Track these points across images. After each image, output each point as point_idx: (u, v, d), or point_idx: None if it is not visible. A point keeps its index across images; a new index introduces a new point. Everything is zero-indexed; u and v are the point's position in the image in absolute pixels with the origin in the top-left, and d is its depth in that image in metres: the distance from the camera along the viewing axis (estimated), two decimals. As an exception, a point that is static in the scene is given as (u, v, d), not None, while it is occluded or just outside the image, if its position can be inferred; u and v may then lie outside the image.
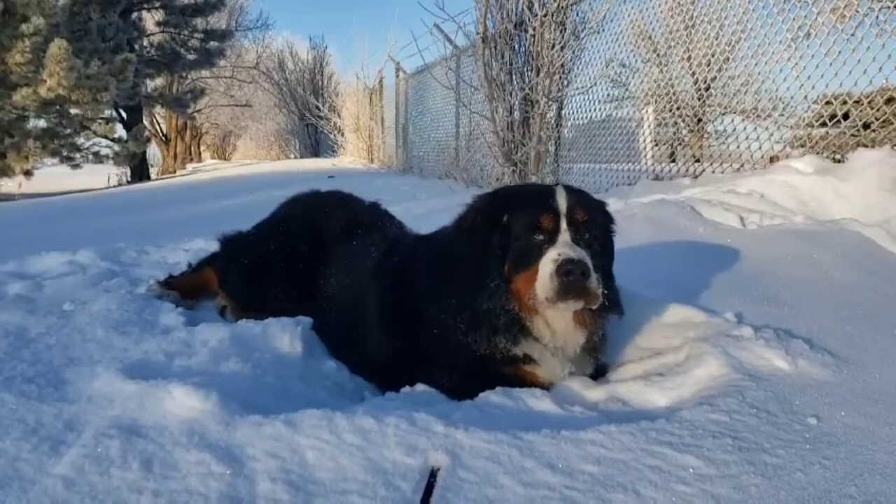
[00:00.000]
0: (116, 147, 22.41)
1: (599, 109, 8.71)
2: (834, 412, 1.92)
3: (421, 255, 2.68)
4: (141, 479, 1.60)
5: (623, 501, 1.52)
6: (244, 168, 26.69)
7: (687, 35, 7.44)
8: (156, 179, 26.70)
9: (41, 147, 18.83)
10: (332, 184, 6.12)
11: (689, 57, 7.68)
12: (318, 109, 27.83)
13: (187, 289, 3.52)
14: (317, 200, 3.56)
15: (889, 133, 5.02)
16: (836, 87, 5.35)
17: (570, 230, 2.21)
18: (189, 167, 36.14)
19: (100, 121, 21.83)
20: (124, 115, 25.72)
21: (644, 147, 8.41)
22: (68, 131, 20.33)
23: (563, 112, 8.80)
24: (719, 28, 6.76)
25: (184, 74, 30.77)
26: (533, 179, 7.93)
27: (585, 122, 8.99)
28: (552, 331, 2.31)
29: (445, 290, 2.39)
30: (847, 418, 1.89)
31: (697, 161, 7.64)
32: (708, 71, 7.13)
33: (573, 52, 8.07)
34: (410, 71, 17.50)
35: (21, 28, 16.39)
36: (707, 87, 7.59)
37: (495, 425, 1.84)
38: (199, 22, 28.16)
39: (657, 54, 8.63)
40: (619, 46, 8.30)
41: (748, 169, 6.07)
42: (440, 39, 10.89)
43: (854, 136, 5.25)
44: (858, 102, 5.17)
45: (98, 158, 21.72)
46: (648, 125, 8.39)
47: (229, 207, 9.98)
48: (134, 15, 25.32)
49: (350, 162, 23.80)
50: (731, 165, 6.37)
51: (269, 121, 44.44)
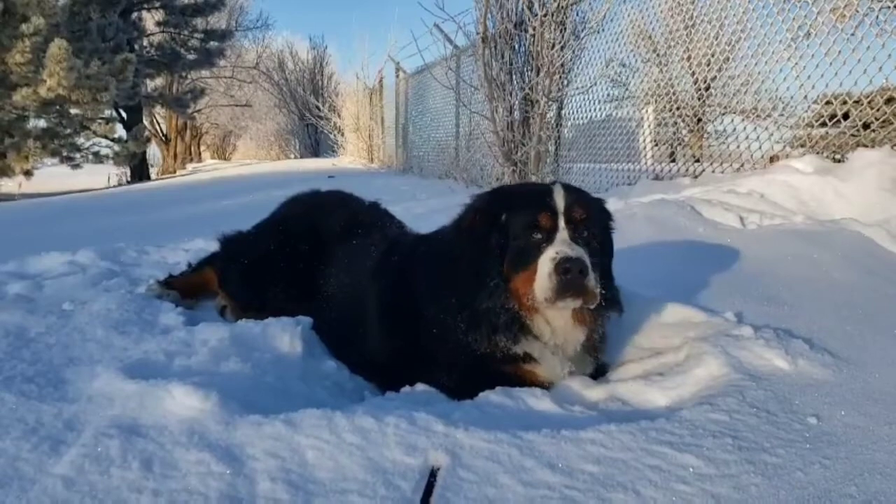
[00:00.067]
0: (116, 147, 22.41)
1: (599, 109, 8.71)
2: (834, 412, 1.92)
3: (420, 255, 2.67)
4: (141, 479, 1.60)
5: (623, 501, 1.52)
6: (244, 168, 26.69)
7: (687, 35, 7.44)
8: (156, 179, 26.69)
9: (41, 147, 18.84)
10: (332, 184, 6.12)
11: (689, 57, 7.69)
12: (318, 109, 27.83)
13: (187, 288, 3.52)
14: (317, 200, 3.56)
15: (889, 133, 5.02)
16: (836, 87, 5.36)
17: (569, 228, 2.20)
18: (189, 167, 36.14)
19: (100, 121, 21.84)
20: (124, 115, 25.73)
21: (644, 147, 8.41)
22: (68, 131, 20.33)
23: (563, 112, 8.80)
24: (719, 28, 6.76)
25: (184, 74, 30.79)
26: (533, 179, 7.93)
27: (585, 122, 8.99)
28: (552, 329, 2.31)
29: (445, 290, 2.39)
30: (847, 418, 1.89)
31: (697, 161, 7.64)
32: (708, 71, 7.13)
33: (573, 52, 8.07)
34: (410, 71, 17.50)
35: (21, 28, 16.40)
36: (707, 87, 7.59)
37: (495, 425, 1.84)
38: (199, 22, 28.18)
39: (657, 54, 8.63)
40: (619, 46, 8.31)
41: (748, 169, 6.07)
42: (440, 39, 10.89)
43: (854, 136, 5.25)
44: (858, 102, 5.17)
45: (98, 158, 21.73)
46: (648, 125, 8.39)
47: (229, 207, 9.97)
48: (134, 15, 25.34)
49: (350, 162, 23.80)
50: (731, 165, 6.37)
51: (269, 121, 44.43)
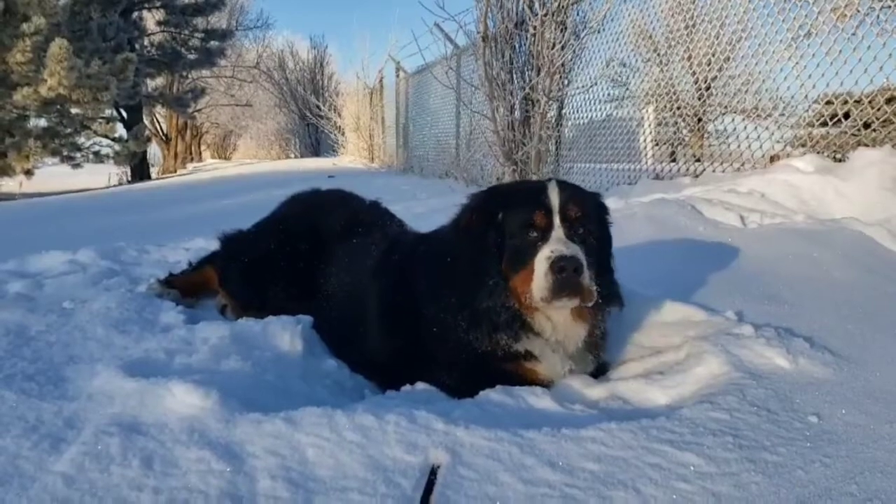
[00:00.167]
0: (117, 146, 22.41)
1: (600, 109, 8.72)
2: (834, 410, 1.92)
3: (420, 254, 2.67)
4: (141, 477, 1.60)
5: (623, 499, 1.52)
6: (244, 167, 26.69)
7: (687, 34, 7.44)
8: (156, 179, 26.70)
9: (42, 146, 18.84)
10: (333, 183, 6.11)
11: (690, 56, 7.68)
12: (319, 109, 27.84)
13: (188, 287, 3.52)
14: (317, 199, 3.56)
15: (890, 132, 5.01)
16: (837, 87, 5.36)
17: (564, 226, 2.20)
18: (189, 167, 36.14)
19: (100, 120, 21.84)
20: (125, 115, 25.73)
21: (644, 146, 8.40)
22: (69, 131, 20.34)
23: (564, 111, 8.80)
24: (720, 27, 6.75)
25: (184, 74, 30.79)
26: (533, 179, 7.92)
27: (586, 122, 8.99)
28: (553, 325, 2.30)
29: (445, 289, 2.39)
30: (848, 416, 1.88)
31: (698, 160, 7.64)
32: (708, 70, 7.13)
33: (574, 52, 8.07)
34: (411, 70, 17.50)
35: (22, 27, 16.40)
36: (707, 87, 7.58)
37: (496, 423, 1.84)
38: (200, 21, 28.19)
39: (658, 54, 8.62)
40: (620, 46, 8.31)
41: (749, 168, 6.07)
42: (441, 39, 10.90)
43: (855, 136, 5.25)
44: (859, 102, 5.16)
45: (98, 158, 21.73)
46: (649, 125, 8.38)
47: (229, 207, 9.97)
48: (135, 14, 25.35)
49: (350, 161, 23.80)
50: (732, 165, 6.37)
51: (270, 120, 44.43)
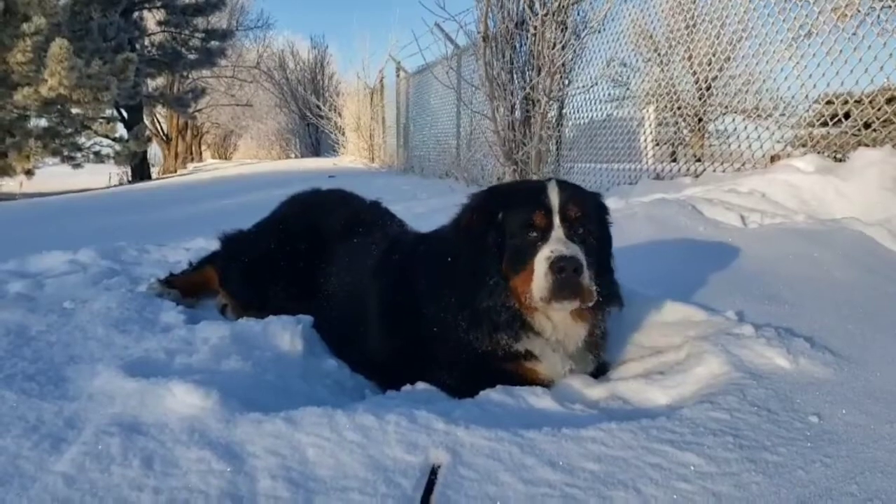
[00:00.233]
0: (117, 146, 22.41)
1: (600, 109, 8.71)
2: (835, 410, 1.92)
3: (421, 254, 2.67)
4: (141, 477, 1.60)
5: (624, 499, 1.52)
6: (245, 167, 26.69)
7: (688, 34, 7.44)
8: (156, 179, 26.70)
9: (42, 146, 18.84)
10: (333, 183, 6.11)
11: (691, 56, 7.68)
12: (319, 109, 27.86)
13: (188, 287, 3.52)
14: (317, 199, 3.56)
15: (890, 132, 5.01)
16: (838, 87, 5.36)
17: (564, 226, 2.19)
18: (190, 167, 36.15)
19: (101, 120, 21.83)
20: (125, 115, 25.74)
21: (645, 146, 8.40)
22: (69, 131, 20.34)
23: (565, 111, 8.80)
24: (720, 27, 6.75)
25: (185, 74, 30.81)
26: (534, 178, 7.92)
27: (586, 122, 8.99)
28: (553, 325, 2.30)
29: (445, 289, 2.39)
30: (848, 416, 1.88)
31: (698, 160, 7.64)
32: (709, 70, 7.13)
33: (574, 52, 8.07)
34: (411, 70, 17.50)
35: (22, 27, 16.41)
36: (708, 87, 7.58)
37: (496, 423, 1.84)
38: (200, 21, 28.19)
39: (658, 54, 8.62)
40: (620, 46, 8.31)
41: (749, 168, 6.07)
42: (441, 39, 10.90)
43: (855, 136, 5.24)
44: (859, 102, 5.16)
45: (99, 158, 21.73)
46: (649, 125, 8.38)
47: (230, 206, 9.98)
48: (135, 14, 25.36)
49: (351, 161, 23.81)
50: (733, 165, 6.37)
51: (270, 120, 44.44)
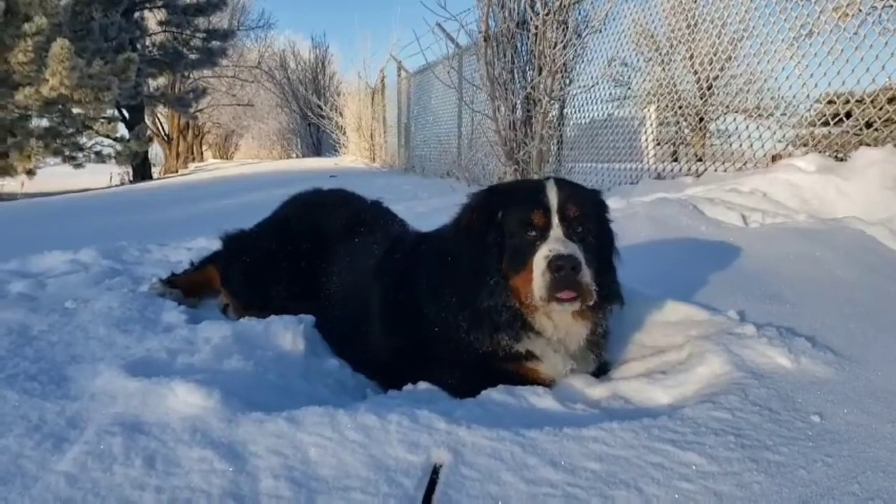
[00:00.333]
0: (119, 146, 22.41)
1: (602, 108, 8.71)
2: (836, 409, 1.92)
3: (422, 254, 2.67)
4: (143, 476, 1.60)
5: (625, 498, 1.52)
6: (246, 167, 26.70)
7: (689, 34, 7.43)
8: (158, 179, 26.71)
9: (43, 146, 18.86)
10: (334, 183, 6.13)
11: (692, 56, 7.67)
12: (320, 109, 27.86)
13: (190, 287, 3.52)
14: (319, 199, 3.56)
15: (892, 132, 5.00)
16: (839, 86, 5.36)
17: (563, 225, 2.19)
18: (191, 166, 36.15)
19: (102, 120, 21.85)
20: (126, 115, 25.74)
21: (646, 146, 8.40)
22: (70, 131, 20.35)
23: (566, 111, 8.80)
24: (721, 27, 6.75)
25: (186, 74, 30.79)
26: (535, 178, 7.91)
27: (588, 121, 8.98)
28: (554, 325, 2.30)
29: (446, 289, 2.39)
30: (850, 416, 1.88)
31: (700, 160, 7.64)
32: (710, 70, 7.12)
33: (575, 51, 8.07)
34: (412, 70, 17.50)
35: (23, 27, 16.41)
36: (709, 86, 7.58)
37: (497, 422, 1.84)
38: (202, 21, 28.19)
39: (659, 53, 8.62)
40: (622, 45, 8.30)
41: (751, 168, 6.06)
42: (442, 38, 10.91)
43: (857, 135, 5.24)
44: (861, 101, 5.16)
45: (100, 158, 21.73)
46: (651, 124, 8.38)
47: (231, 206, 9.98)
48: (136, 14, 25.36)
49: (352, 161, 23.82)
50: (734, 164, 6.36)
51: (272, 120, 44.44)
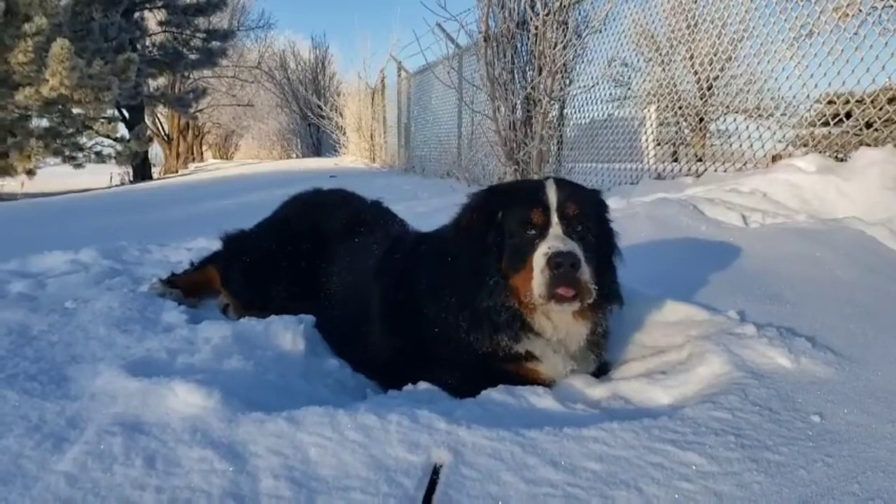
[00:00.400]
0: (119, 146, 22.41)
1: (602, 108, 8.71)
2: (837, 410, 1.91)
3: (422, 254, 2.67)
4: (144, 476, 1.60)
5: (626, 498, 1.52)
6: (246, 167, 26.69)
7: (689, 34, 7.43)
8: (158, 179, 26.71)
9: (43, 146, 18.86)
10: (334, 183, 6.13)
11: (692, 56, 7.68)
12: (320, 109, 27.87)
13: (190, 287, 3.52)
14: (319, 199, 3.56)
15: (892, 132, 5.01)
16: (839, 86, 5.36)
17: (562, 223, 2.20)
18: (191, 167, 36.14)
19: (102, 120, 21.86)
20: (126, 115, 25.75)
21: (646, 146, 8.40)
22: (70, 131, 20.36)
23: (566, 111, 8.80)
24: (722, 27, 6.75)
25: (186, 74, 30.79)
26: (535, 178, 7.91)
27: (588, 122, 8.98)
28: (554, 325, 2.30)
29: (446, 289, 2.39)
30: (850, 416, 1.88)
31: (700, 160, 7.64)
32: (710, 70, 7.13)
33: (575, 52, 8.07)
34: (412, 70, 17.50)
35: (23, 28, 16.42)
36: (709, 87, 7.58)
37: (498, 422, 1.84)
38: (202, 21, 28.21)
39: (659, 53, 8.62)
40: (622, 45, 8.31)
41: (751, 168, 6.07)
42: (442, 39, 10.90)
43: (857, 135, 5.24)
44: (861, 101, 5.16)
45: (100, 158, 21.73)
46: (651, 124, 8.38)
47: (231, 206, 9.98)
48: (136, 14, 25.37)
49: (352, 161, 23.82)
50: (734, 164, 6.36)
51: (272, 120, 44.45)
